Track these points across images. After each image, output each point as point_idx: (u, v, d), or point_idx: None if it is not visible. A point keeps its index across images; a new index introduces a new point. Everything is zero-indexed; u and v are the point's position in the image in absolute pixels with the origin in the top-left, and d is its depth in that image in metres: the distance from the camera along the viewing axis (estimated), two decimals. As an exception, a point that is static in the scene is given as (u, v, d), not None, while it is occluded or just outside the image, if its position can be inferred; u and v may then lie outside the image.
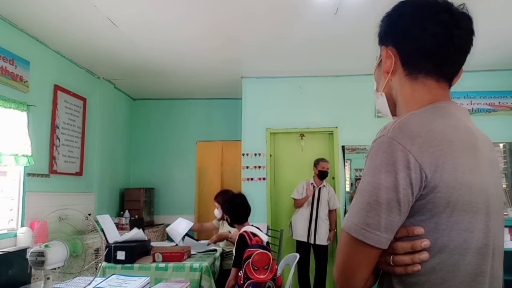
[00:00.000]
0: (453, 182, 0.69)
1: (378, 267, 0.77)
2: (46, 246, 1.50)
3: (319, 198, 4.25)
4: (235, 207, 2.89)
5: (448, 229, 0.70)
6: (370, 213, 0.71)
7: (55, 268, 1.53)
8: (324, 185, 4.31)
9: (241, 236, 2.68)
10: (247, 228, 2.76)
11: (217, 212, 3.79)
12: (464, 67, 0.87)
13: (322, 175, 4.27)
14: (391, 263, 0.73)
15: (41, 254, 1.45)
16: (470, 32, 0.83)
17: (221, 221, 3.73)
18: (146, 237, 3.16)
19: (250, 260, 2.43)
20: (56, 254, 1.50)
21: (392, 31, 0.86)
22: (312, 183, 4.28)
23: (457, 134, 0.73)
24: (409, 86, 0.83)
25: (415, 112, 0.75)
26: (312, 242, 4.15)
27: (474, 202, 0.71)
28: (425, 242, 0.70)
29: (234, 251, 2.73)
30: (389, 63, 0.85)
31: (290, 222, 4.37)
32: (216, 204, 3.79)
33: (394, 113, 0.90)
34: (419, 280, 0.72)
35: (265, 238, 2.73)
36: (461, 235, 0.70)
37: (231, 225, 2.99)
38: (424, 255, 0.71)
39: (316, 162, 4.33)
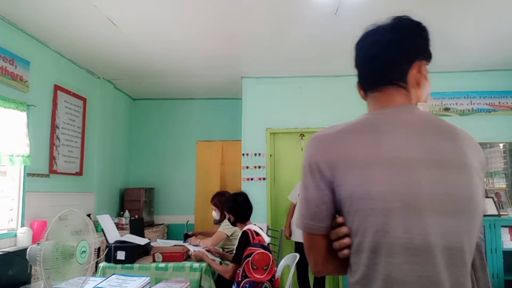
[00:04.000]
0: (351, 188, 0.82)
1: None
2: (38, 243, 1.51)
3: None
4: (238, 205, 2.88)
5: (355, 224, 0.83)
6: (302, 208, 0.89)
7: (54, 268, 1.52)
8: None
9: (244, 233, 2.68)
10: (250, 226, 2.76)
11: (215, 214, 3.78)
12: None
13: None
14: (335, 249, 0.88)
15: (38, 252, 1.46)
16: (390, 44, 0.93)
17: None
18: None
19: (250, 258, 2.44)
20: (54, 253, 1.50)
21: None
22: None
23: (357, 146, 0.84)
24: (368, 102, 0.99)
25: (336, 126, 0.91)
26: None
27: (372, 200, 0.81)
28: (343, 229, 0.85)
29: (235, 248, 2.73)
30: (358, 87, 1.03)
31: (289, 224, 4.33)
32: (213, 206, 3.78)
33: None
34: (352, 261, 0.85)
35: (267, 239, 2.73)
36: (364, 221, 0.81)
37: (233, 224, 2.98)
38: (345, 240, 0.85)
39: None
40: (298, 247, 4.17)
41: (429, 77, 0.98)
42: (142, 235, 3.66)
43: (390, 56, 0.93)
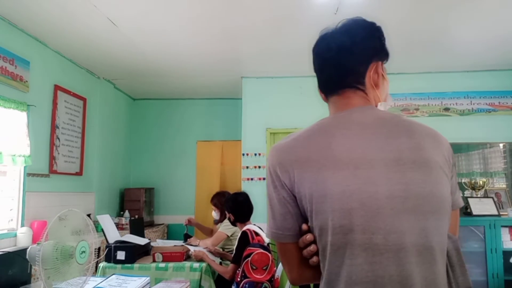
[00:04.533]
0: (305, 189, 0.83)
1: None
2: (38, 244, 1.51)
3: None
4: (238, 205, 2.88)
5: (315, 225, 0.83)
6: (269, 218, 0.91)
7: (54, 268, 1.52)
8: None
9: (244, 233, 2.68)
10: (250, 226, 2.76)
11: (215, 214, 3.78)
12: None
13: None
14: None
15: (37, 252, 1.47)
16: (341, 48, 0.93)
17: (218, 224, 3.71)
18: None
19: (250, 259, 2.44)
20: (54, 253, 1.50)
21: None
22: None
23: (309, 148, 0.86)
24: (329, 105, 1.00)
25: (289, 136, 0.92)
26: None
27: (330, 203, 0.80)
28: (308, 237, 0.85)
29: (235, 248, 2.73)
30: (320, 91, 1.04)
31: None
32: (213, 206, 3.78)
33: None
34: (320, 266, 0.85)
35: (266, 239, 2.73)
36: (324, 230, 0.82)
37: (233, 224, 2.98)
38: (311, 248, 0.85)
39: None
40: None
41: (387, 76, 0.98)
42: (142, 235, 3.66)
43: (343, 61, 0.93)
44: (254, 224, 2.85)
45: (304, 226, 0.86)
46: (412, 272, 0.77)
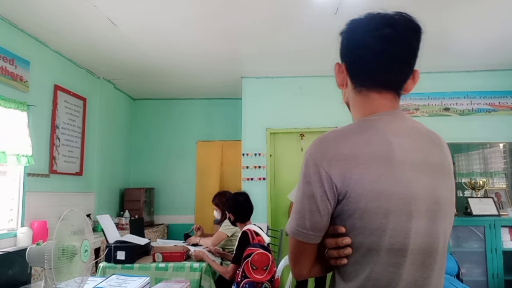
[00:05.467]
0: (360, 189, 0.80)
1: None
2: (37, 244, 1.51)
3: None
4: (238, 205, 2.88)
5: (362, 229, 0.81)
6: (299, 217, 0.85)
7: (54, 268, 1.53)
8: None
9: (244, 233, 2.68)
10: (250, 226, 2.75)
11: (216, 214, 3.78)
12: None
13: None
14: (327, 256, 0.87)
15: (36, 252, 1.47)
16: (408, 45, 0.88)
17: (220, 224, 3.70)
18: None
19: (250, 259, 2.43)
20: (58, 252, 1.50)
21: (342, 48, 0.95)
22: None
23: (366, 148, 0.82)
24: (355, 98, 0.93)
25: (337, 129, 0.87)
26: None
27: (385, 206, 0.80)
28: (346, 240, 0.83)
29: (235, 248, 2.73)
30: (341, 77, 0.96)
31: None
32: (214, 206, 3.78)
33: (353, 119, 1.00)
34: (347, 270, 0.84)
35: (267, 239, 2.73)
36: (374, 234, 0.80)
37: (233, 223, 2.98)
38: (347, 251, 0.83)
39: None
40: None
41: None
42: (142, 235, 3.66)
43: (409, 59, 0.89)
44: (255, 224, 2.85)
45: (342, 229, 0.83)
46: (432, 277, 0.84)
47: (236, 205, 2.88)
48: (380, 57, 0.87)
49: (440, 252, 0.85)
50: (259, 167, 4.69)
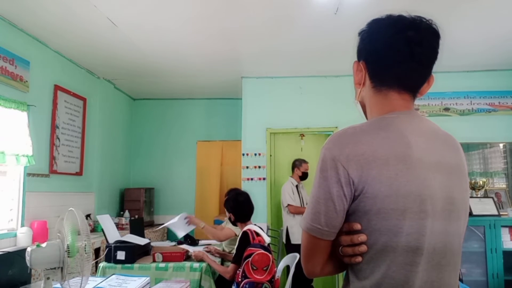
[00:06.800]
0: (377, 185, 0.79)
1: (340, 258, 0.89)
2: (37, 245, 1.51)
3: (303, 198, 4.32)
4: (239, 205, 2.87)
5: (378, 226, 0.80)
6: (314, 212, 0.84)
7: (54, 268, 1.53)
8: (302, 186, 4.40)
9: (245, 233, 2.68)
10: (250, 226, 2.75)
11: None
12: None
13: (304, 176, 4.39)
14: (341, 253, 0.86)
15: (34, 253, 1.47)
16: (432, 49, 0.89)
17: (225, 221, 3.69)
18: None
19: (250, 259, 2.43)
20: (51, 253, 1.51)
21: (363, 47, 0.95)
22: (297, 185, 4.33)
23: (384, 144, 0.82)
24: (374, 97, 0.93)
25: (355, 125, 0.86)
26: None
27: (402, 204, 0.79)
28: (362, 237, 0.82)
29: (235, 248, 2.73)
30: (360, 76, 0.96)
31: (286, 228, 4.22)
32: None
33: (368, 118, 1.00)
34: (362, 268, 0.83)
35: (267, 239, 2.72)
36: (390, 231, 0.79)
37: (234, 223, 2.97)
38: (362, 248, 0.82)
39: (299, 164, 4.39)
40: (299, 248, 4.15)
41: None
42: (142, 235, 3.66)
43: (431, 62, 0.90)
44: (255, 224, 2.85)
45: (357, 225, 0.82)
46: (449, 278, 0.85)
47: (236, 205, 2.88)
48: (407, 58, 0.87)
49: (456, 252, 0.85)
50: (259, 167, 4.70)
